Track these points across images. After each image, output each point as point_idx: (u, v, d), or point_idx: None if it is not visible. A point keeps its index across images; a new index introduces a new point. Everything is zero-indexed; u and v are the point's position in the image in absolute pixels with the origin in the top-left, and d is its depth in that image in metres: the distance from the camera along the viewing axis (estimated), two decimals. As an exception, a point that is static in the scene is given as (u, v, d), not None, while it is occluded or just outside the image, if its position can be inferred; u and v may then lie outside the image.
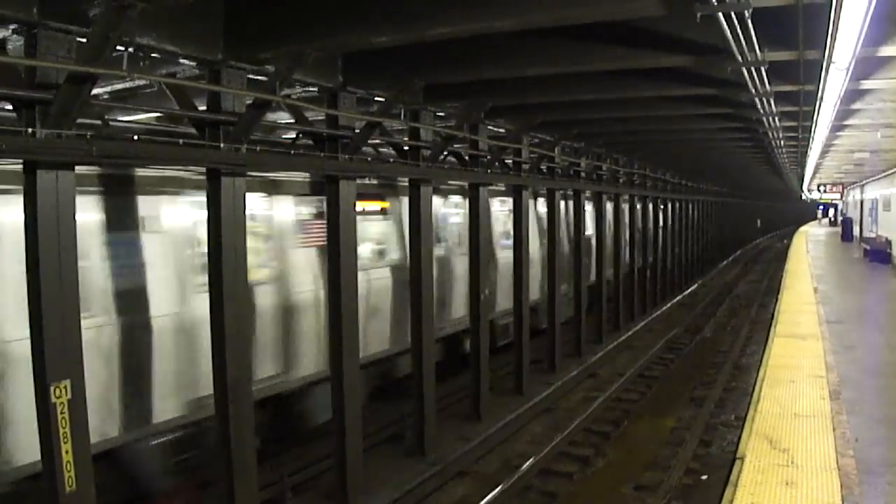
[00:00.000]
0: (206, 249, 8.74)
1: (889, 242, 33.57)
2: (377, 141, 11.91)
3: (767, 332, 16.99)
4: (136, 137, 8.02)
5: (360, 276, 11.11)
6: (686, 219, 36.19)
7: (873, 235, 38.36)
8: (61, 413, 6.65)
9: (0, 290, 7.92)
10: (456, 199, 16.92)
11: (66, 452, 6.68)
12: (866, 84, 11.05)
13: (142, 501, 9.59)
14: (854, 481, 7.71)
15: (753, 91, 10.28)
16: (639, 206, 27.12)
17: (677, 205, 33.65)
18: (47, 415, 6.60)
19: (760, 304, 30.11)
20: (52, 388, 6.59)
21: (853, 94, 11.93)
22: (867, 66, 9.92)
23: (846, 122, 15.52)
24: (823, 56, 8.12)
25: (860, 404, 10.53)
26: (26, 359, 6.84)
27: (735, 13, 6.63)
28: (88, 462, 6.94)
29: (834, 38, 7.19)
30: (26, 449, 7.53)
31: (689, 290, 34.47)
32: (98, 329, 8.68)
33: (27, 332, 6.80)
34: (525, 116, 14.63)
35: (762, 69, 9.18)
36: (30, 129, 6.35)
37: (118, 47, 6.68)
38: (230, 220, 8.45)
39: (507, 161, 15.64)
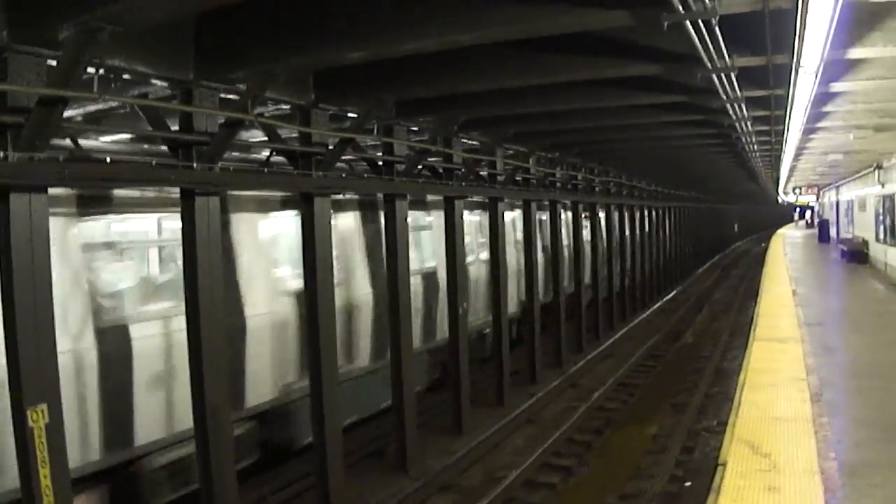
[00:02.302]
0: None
1: (865, 243, 33.80)
2: (351, 157, 11.91)
3: (747, 336, 17.06)
4: (108, 159, 7.96)
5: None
6: (664, 225, 36.35)
7: (850, 236, 38.62)
8: (39, 437, 6.56)
9: None
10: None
11: (45, 477, 6.59)
12: (836, 87, 11.14)
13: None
14: (836, 484, 7.71)
15: (724, 97, 10.34)
16: (616, 214, 27.19)
17: (654, 212, 33.80)
18: (24, 439, 6.52)
19: (740, 309, 30.22)
20: (28, 413, 6.51)
21: (823, 97, 12.01)
22: (836, 69, 9.99)
23: (818, 125, 15.62)
24: (792, 60, 8.18)
25: (841, 406, 10.56)
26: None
27: (702, 21, 6.68)
28: (68, 487, 6.86)
29: (801, 43, 7.24)
30: None
31: (669, 296, 34.58)
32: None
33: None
34: (499, 128, 14.67)
35: (732, 75, 9.24)
36: (1, 153, 6.29)
37: (89, 69, 6.64)
38: (205, 240, 8.41)
39: (481, 173, 15.65)
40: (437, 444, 13.41)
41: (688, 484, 12.12)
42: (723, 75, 9.11)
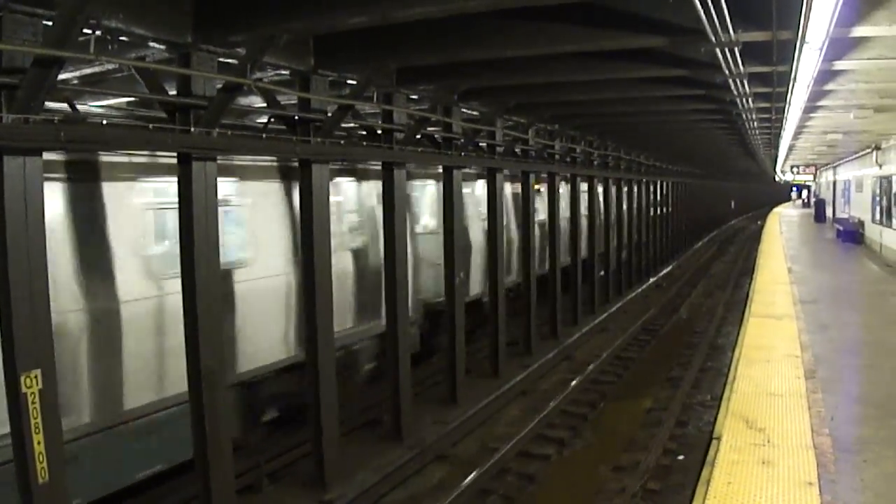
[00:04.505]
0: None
1: (861, 223, 33.83)
2: (351, 124, 11.83)
3: (742, 313, 17.09)
4: (104, 122, 7.88)
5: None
6: (660, 200, 36.28)
7: (846, 216, 38.65)
8: (32, 403, 6.54)
9: None
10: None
11: (38, 443, 6.57)
12: (839, 65, 11.05)
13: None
14: (830, 459, 7.77)
15: (727, 72, 10.26)
16: (613, 188, 27.12)
17: (651, 186, 33.72)
18: (17, 405, 6.50)
19: (735, 285, 30.27)
20: (22, 378, 6.48)
21: (826, 75, 11.93)
22: (840, 46, 9.90)
23: (819, 104, 15.55)
24: (797, 36, 8.10)
25: (835, 383, 10.61)
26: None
27: (708, -7, 6.60)
28: (61, 453, 6.84)
29: (807, 19, 7.16)
30: None
31: (665, 272, 34.59)
32: None
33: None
34: (499, 99, 14.59)
35: (735, 50, 9.14)
36: (-4, 114, 6.23)
37: (86, 30, 6.55)
38: (202, 205, 8.36)
39: (481, 144, 15.58)
40: (432, 415, 13.42)
41: (681, 457, 12.16)
42: (727, 50, 9.02)
